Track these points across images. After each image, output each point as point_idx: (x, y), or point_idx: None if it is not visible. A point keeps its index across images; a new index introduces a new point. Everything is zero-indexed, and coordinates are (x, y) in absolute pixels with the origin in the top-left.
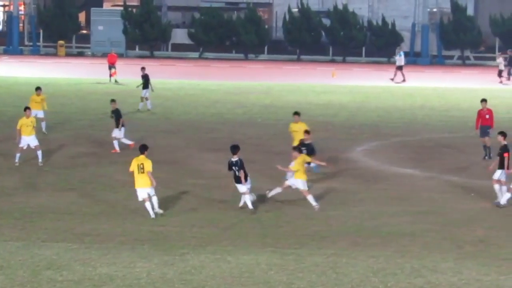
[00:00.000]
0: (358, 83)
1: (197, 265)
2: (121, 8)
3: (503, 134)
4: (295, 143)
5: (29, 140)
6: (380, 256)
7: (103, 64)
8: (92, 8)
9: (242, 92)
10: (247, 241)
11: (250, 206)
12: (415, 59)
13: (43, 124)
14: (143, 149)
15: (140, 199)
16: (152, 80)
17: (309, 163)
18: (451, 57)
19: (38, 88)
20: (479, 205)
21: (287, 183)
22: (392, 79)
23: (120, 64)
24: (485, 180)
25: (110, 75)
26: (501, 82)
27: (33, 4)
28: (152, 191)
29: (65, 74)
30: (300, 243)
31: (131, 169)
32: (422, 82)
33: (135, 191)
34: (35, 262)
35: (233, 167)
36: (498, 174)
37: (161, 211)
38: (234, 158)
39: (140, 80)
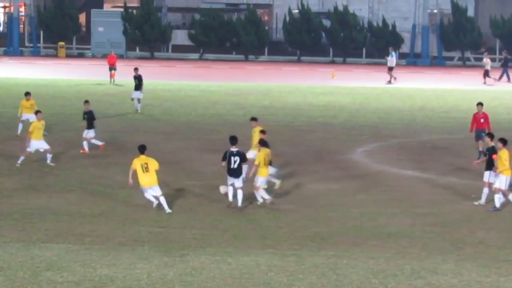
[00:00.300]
0: (358, 84)
1: (197, 267)
2: (121, 9)
3: (490, 135)
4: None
5: (38, 144)
6: (380, 257)
7: (103, 65)
8: (92, 10)
9: (241, 93)
10: (247, 243)
11: (239, 203)
12: (415, 60)
13: None
14: (142, 149)
15: (145, 194)
16: (153, 82)
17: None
18: (452, 58)
19: (27, 93)
20: (479, 207)
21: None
22: (390, 81)
23: (120, 65)
24: None
25: (110, 76)
26: (484, 82)
27: (33, 5)
28: (158, 191)
29: (65, 75)
30: (300, 244)
31: (133, 167)
32: (422, 83)
33: (140, 190)
34: (35, 263)
35: (232, 157)
36: (487, 175)
37: (170, 211)
38: (234, 149)
39: (132, 82)
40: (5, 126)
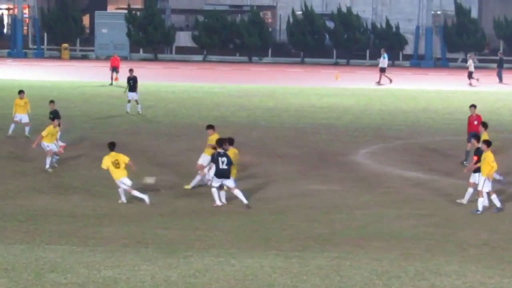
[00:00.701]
0: (361, 86)
1: (201, 268)
2: (125, 11)
3: (476, 137)
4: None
5: (51, 146)
6: (384, 259)
7: (106, 67)
8: (96, 11)
9: (245, 95)
10: (251, 244)
11: (245, 200)
12: (419, 61)
13: (27, 129)
14: (112, 146)
15: (126, 187)
16: (156, 83)
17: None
18: (455, 60)
19: (21, 92)
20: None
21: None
22: (390, 81)
23: (124, 67)
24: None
25: (114, 79)
26: (470, 84)
27: (37, 7)
28: (128, 182)
29: (68, 77)
30: (304, 246)
31: (104, 166)
32: (426, 85)
33: (116, 185)
34: (39, 265)
35: (220, 158)
36: (477, 177)
37: (148, 201)
38: (221, 150)
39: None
40: (8, 128)
